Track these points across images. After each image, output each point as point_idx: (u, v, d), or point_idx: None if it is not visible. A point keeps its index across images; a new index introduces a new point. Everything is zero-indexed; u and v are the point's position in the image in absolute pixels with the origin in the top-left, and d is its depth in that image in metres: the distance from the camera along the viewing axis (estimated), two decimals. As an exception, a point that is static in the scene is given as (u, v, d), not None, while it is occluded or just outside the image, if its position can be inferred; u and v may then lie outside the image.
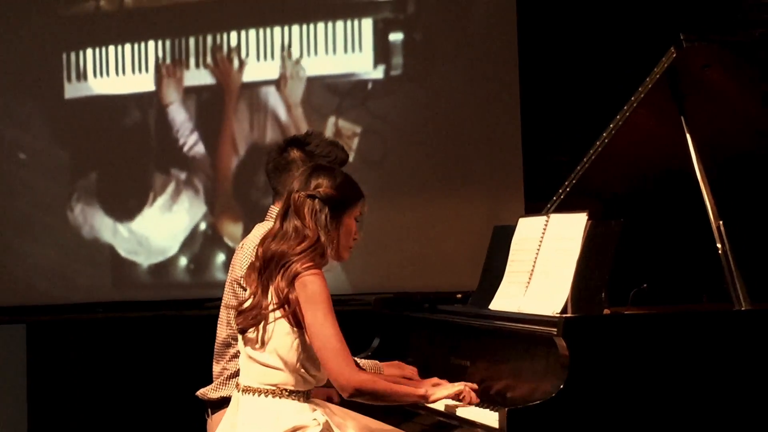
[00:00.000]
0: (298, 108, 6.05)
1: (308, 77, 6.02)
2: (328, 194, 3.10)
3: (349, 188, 3.16)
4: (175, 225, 6.03)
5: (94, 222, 6.02)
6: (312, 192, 3.11)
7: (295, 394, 3.09)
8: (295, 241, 3.07)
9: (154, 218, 6.03)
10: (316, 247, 3.07)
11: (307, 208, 3.09)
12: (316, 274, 3.04)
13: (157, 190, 6.04)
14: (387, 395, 3.11)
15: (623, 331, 3.07)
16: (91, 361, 6.12)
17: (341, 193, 3.13)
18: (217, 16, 6.06)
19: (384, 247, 5.95)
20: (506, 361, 3.28)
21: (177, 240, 6.02)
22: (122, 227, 6.03)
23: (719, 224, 3.37)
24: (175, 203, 6.02)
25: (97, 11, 6.08)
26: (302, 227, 3.08)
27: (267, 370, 3.08)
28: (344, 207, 3.14)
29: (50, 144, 6.05)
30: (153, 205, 6.03)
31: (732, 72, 3.56)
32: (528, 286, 3.40)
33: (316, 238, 3.07)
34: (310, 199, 3.10)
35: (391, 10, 6.05)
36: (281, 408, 3.07)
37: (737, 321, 3.20)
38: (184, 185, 6.04)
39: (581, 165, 3.71)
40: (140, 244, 6.03)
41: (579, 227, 3.30)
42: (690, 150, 3.47)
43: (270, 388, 3.09)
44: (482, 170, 6.05)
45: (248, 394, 3.11)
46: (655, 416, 3.03)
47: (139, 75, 6.05)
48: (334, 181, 3.13)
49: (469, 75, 6.03)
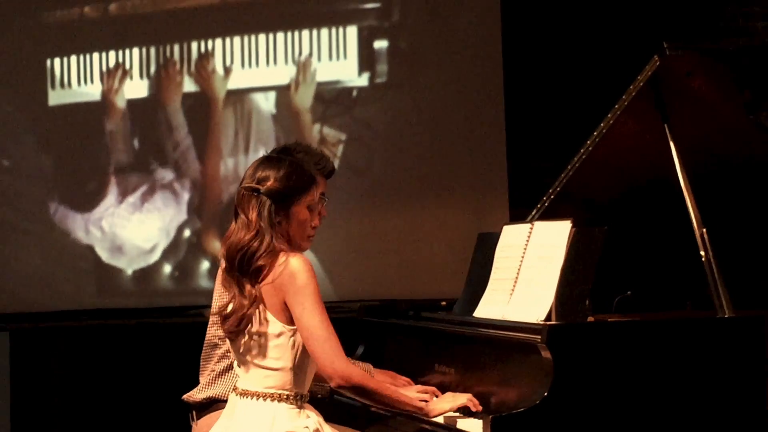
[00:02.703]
0: (283, 115, 6.05)
1: (293, 85, 6.01)
2: (270, 188, 3.03)
3: (295, 178, 3.07)
4: (160, 232, 6.01)
5: (77, 229, 6.00)
6: (254, 185, 3.05)
7: (293, 398, 3.06)
8: (242, 233, 3.03)
9: (138, 226, 6.01)
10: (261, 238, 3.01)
11: (250, 204, 3.04)
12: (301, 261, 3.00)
13: (142, 197, 6.02)
14: (376, 393, 3.07)
15: (607, 339, 3.07)
16: (74, 369, 6.09)
17: (285, 185, 3.05)
18: (202, 23, 6.06)
19: (368, 254, 5.95)
20: (490, 368, 3.28)
21: (161, 247, 6.01)
22: (106, 234, 6.01)
23: (702, 232, 3.38)
24: (159, 211, 6.01)
25: (81, 18, 6.06)
26: (247, 221, 3.04)
27: (264, 372, 3.05)
28: (291, 198, 3.06)
29: (34, 150, 6.02)
30: (137, 213, 6.01)
31: (715, 80, 3.57)
32: (512, 294, 3.41)
33: (257, 230, 3.02)
34: (253, 193, 3.04)
35: (376, 17, 6.05)
36: (277, 412, 3.04)
37: (720, 328, 3.21)
38: (168, 193, 6.02)
39: (565, 173, 3.72)
40: (125, 251, 6.01)
41: (563, 235, 3.30)
42: (673, 157, 3.48)
43: (268, 391, 3.06)
44: (467, 178, 6.06)
45: (246, 398, 3.08)
46: (639, 423, 3.04)
47: (123, 82, 6.03)
48: (278, 173, 3.05)
49: (454, 82, 6.04)
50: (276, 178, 3.05)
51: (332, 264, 5.93)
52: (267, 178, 3.05)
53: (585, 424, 2.98)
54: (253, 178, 3.06)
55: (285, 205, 3.06)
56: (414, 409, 3.13)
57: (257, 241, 3.02)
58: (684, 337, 3.13)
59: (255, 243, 3.02)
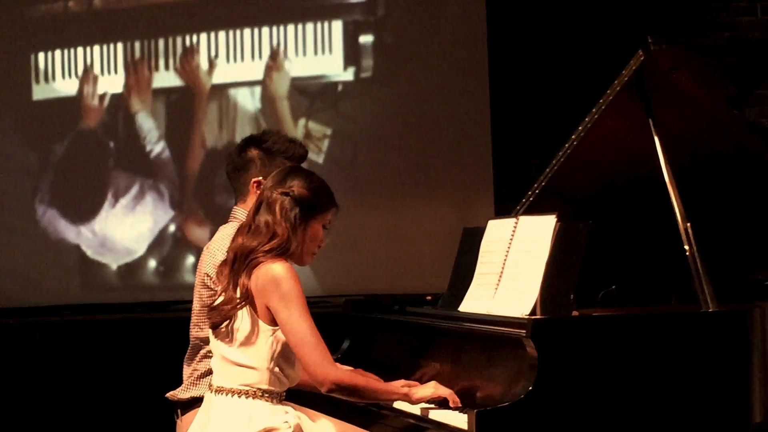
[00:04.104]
0: (268, 110, 6.04)
1: (278, 79, 6.01)
2: (301, 194, 3.10)
3: (323, 193, 3.16)
4: (143, 227, 6.00)
5: (61, 224, 5.98)
6: (286, 189, 3.11)
7: (269, 395, 3.07)
8: (265, 237, 3.07)
9: (122, 220, 6.00)
10: (285, 244, 3.06)
11: (278, 205, 3.09)
12: (285, 267, 3.03)
13: (125, 192, 6.01)
14: (366, 390, 3.10)
15: (591, 333, 3.08)
16: (59, 364, 6.07)
17: (314, 196, 3.13)
18: (187, 17, 6.04)
19: (354, 249, 5.95)
20: (475, 362, 3.28)
21: (145, 242, 6.00)
22: (90, 229, 5.99)
23: (687, 226, 3.39)
24: (143, 205, 6.00)
25: (65, 12, 6.04)
26: (273, 223, 3.08)
27: (240, 369, 3.07)
28: (315, 211, 3.14)
29: (17, 145, 6.00)
30: (121, 207, 6.00)
31: (699, 74, 3.58)
32: (497, 288, 3.41)
33: (286, 236, 3.07)
34: (283, 196, 3.10)
35: (362, 12, 6.05)
36: (253, 409, 3.05)
37: (704, 322, 3.22)
38: (151, 187, 6.01)
39: (550, 167, 3.72)
40: (109, 246, 6.00)
41: (548, 229, 3.31)
42: (658, 152, 3.49)
43: (243, 388, 3.07)
44: (452, 172, 6.06)
45: (221, 395, 3.09)
46: (623, 417, 3.05)
47: (108, 76, 6.01)
48: (309, 184, 3.13)
49: (439, 77, 6.04)
50: (307, 187, 3.12)
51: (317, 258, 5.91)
52: (295, 186, 3.11)
53: (570, 419, 2.99)
54: (284, 183, 3.11)
55: (308, 216, 3.12)
56: (400, 396, 3.19)
57: (277, 247, 3.05)
58: (668, 331, 3.13)
59: (268, 242, 3.05)
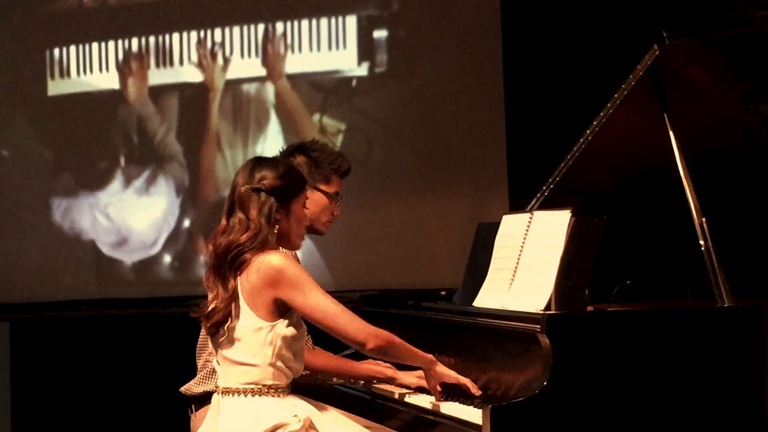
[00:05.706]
0: (283, 105, 6.04)
1: (292, 74, 6.01)
2: (272, 185, 3.10)
3: (293, 177, 3.17)
4: (159, 222, 6.01)
5: (77, 219, 5.99)
6: (256, 185, 3.10)
7: (275, 389, 3.07)
8: (239, 233, 3.07)
9: (137, 216, 6.01)
10: (261, 235, 3.07)
11: (252, 202, 3.09)
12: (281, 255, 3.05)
13: (141, 187, 6.02)
14: (402, 347, 3.17)
15: (606, 328, 3.08)
16: (75, 359, 6.10)
17: (285, 182, 3.13)
18: (201, 12, 6.05)
19: (368, 244, 5.95)
20: (490, 357, 3.28)
21: (161, 238, 6.01)
22: (106, 225, 6.00)
23: (702, 221, 3.38)
24: (158, 201, 6.01)
25: (80, 7, 6.05)
26: (246, 220, 3.08)
27: (243, 368, 3.07)
28: (291, 196, 3.14)
29: (33, 141, 6.02)
30: (136, 203, 6.01)
31: (714, 69, 3.57)
32: (512, 283, 3.41)
33: (259, 227, 3.07)
34: (255, 192, 3.10)
35: (375, 7, 6.04)
36: (261, 407, 3.05)
37: (720, 317, 3.21)
38: (168, 183, 6.02)
39: (565, 162, 3.71)
40: (124, 242, 6.01)
41: (562, 224, 3.30)
42: (673, 147, 3.48)
43: (248, 386, 3.07)
44: (466, 167, 6.05)
45: (228, 396, 3.09)
46: (638, 412, 3.04)
47: (123, 72, 6.02)
48: (278, 172, 3.13)
49: (454, 72, 6.03)
50: (276, 176, 3.11)
51: (331, 254, 5.93)
52: (265, 177, 3.11)
53: (584, 414, 2.99)
54: (253, 178, 3.10)
55: (286, 203, 3.12)
56: (425, 362, 3.24)
57: (252, 238, 3.05)
58: (683, 326, 3.13)
59: (249, 240, 3.05)
